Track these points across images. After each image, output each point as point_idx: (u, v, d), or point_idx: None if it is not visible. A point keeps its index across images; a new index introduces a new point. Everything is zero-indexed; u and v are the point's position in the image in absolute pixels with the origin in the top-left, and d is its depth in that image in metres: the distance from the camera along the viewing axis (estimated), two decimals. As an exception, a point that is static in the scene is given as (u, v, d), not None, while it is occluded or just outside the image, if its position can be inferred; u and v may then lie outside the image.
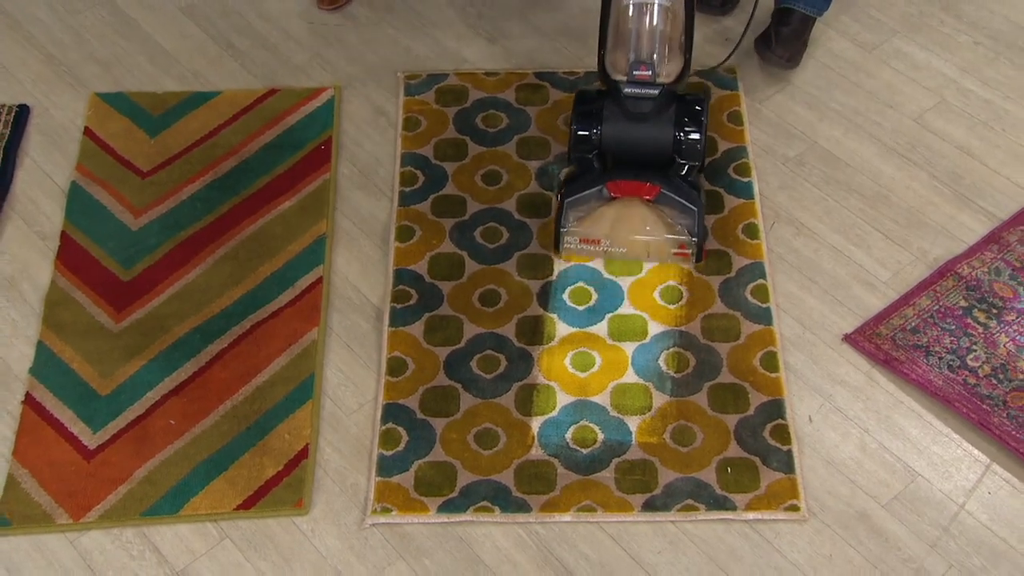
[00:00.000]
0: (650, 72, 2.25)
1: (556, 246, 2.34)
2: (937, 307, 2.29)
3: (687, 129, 2.30)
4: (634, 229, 2.29)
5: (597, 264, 2.37)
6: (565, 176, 2.40)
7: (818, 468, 2.10)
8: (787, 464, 2.09)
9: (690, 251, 2.30)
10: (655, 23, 2.24)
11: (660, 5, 2.23)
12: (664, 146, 2.31)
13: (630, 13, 2.24)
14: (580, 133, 2.33)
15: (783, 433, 2.13)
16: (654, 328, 2.28)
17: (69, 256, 2.41)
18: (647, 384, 2.20)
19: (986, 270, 2.35)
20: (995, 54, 2.76)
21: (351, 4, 2.90)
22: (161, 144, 2.61)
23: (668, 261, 2.33)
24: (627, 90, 2.27)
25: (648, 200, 2.27)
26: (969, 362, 2.21)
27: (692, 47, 2.31)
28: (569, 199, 2.31)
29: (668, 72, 2.29)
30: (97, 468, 2.10)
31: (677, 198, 2.27)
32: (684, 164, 2.32)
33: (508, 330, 2.28)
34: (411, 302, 2.34)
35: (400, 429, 2.16)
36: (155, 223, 2.46)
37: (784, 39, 2.65)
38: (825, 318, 2.30)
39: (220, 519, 2.06)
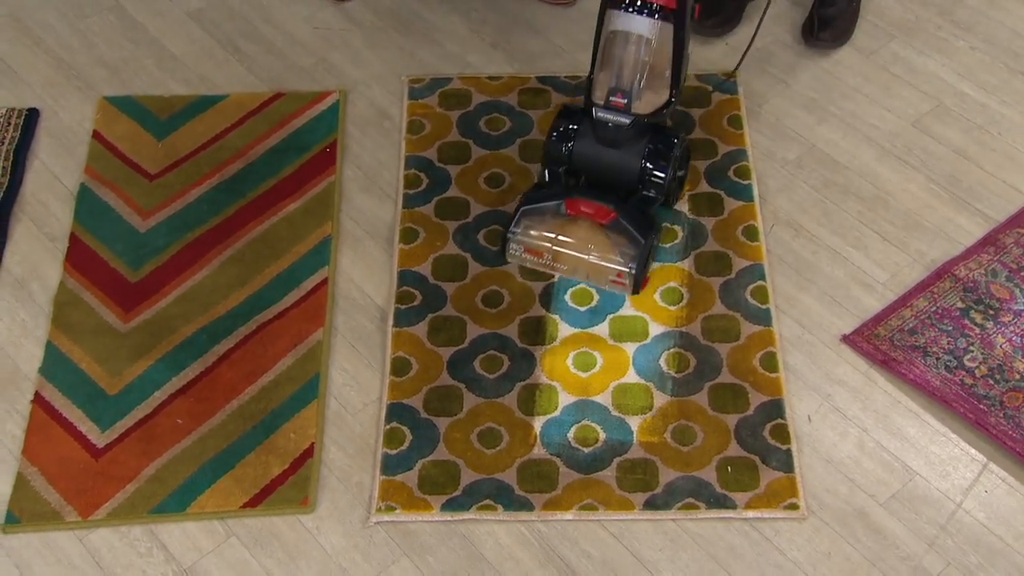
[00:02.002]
0: (625, 101, 2.21)
1: (502, 250, 2.33)
2: (934, 308, 2.29)
3: (655, 163, 2.28)
4: (577, 248, 2.26)
5: (599, 266, 2.37)
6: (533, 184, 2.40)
7: (817, 467, 2.10)
8: (786, 463, 2.09)
9: (627, 281, 2.26)
10: (638, 54, 2.20)
11: (642, 37, 2.18)
12: (630, 175, 2.30)
13: (615, 39, 2.20)
14: (552, 146, 2.32)
15: (782, 432, 2.13)
16: (655, 329, 2.28)
17: (78, 257, 2.41)
18: (648, 384, 2.20)
19: (983, 272, 2.35)
20: (991, 59, 2.76)
21: (356, 1, 2.91)
22: (169, 147, 2.61)
23: (605, 287, 2.30)
24: (599, 114, 2.24)
25: (601, 224, 2.25)
26: (966, 363, 2.21)
27: (681, 83, 2.26)
28: (526, 207, 2.29)
29: (646, 104, 2.24)
30: (105, 466, 2.11)
31: (629, 227, 2.24)
32: (646, 196, 2.31)
33: (511, 331, 2.29)
34: (415, 303, 2.34)
35: (404, 428, 2.16)
36: (163, 225, 2.47)
37: (829, 20, 2.68)
38: (824, 319, 2.30)
39: (227, 517, 2.06)
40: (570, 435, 2.14)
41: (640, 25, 2.17)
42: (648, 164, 2.28)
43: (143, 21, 2.90)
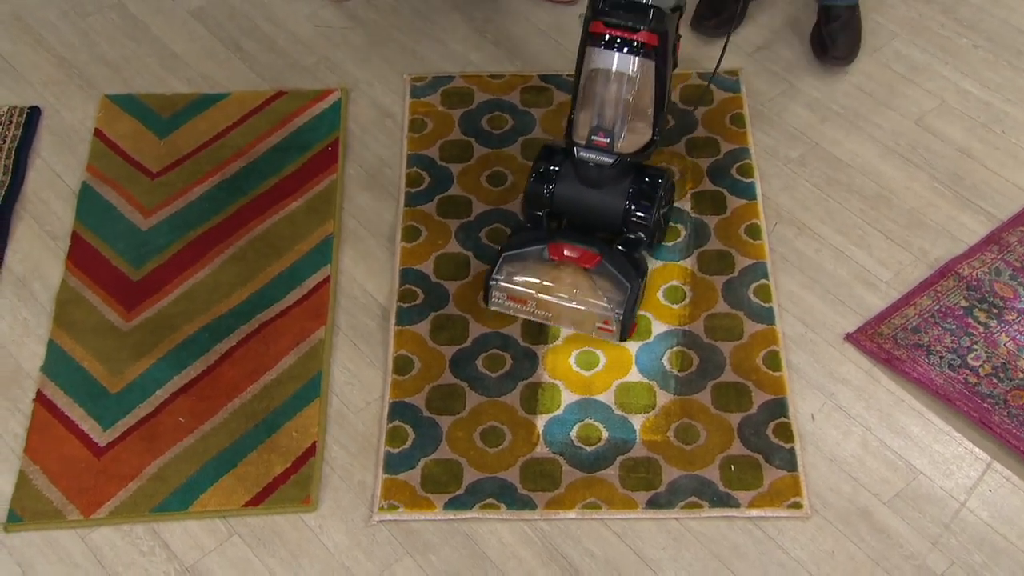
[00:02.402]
0: (608, 140, 2.16)
1: (485, 298, 2.26)
2: (938, 307, 2.29)
3: (639, 203, 2.22)
4: (562, 294, 2.19)
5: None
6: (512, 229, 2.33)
7: (820, 466, 2.10)
8: (790, 462, 2.09)
9: (613, 327, 2.20)
10: (619, 93, 2.14)
11: (625, 75, 2.12)
12: (614, 216, 2.24)
13: (597, 78, 2.15)
14: (533, 188, 2.26)
15: (786, 431, 2.13)
16: (658, 327, 2.28)
17: (80, 256, 2.40)
18: (651, 383, 2.20)
19: (986, 270, 2.34)
20: (995, 56, 2.75)
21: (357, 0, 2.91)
22: (170, 145, 2.60)
23: (591, 334, 2.23)
24: (581, 154, 2.19)
25: (586, 268, 2.19)
26: (970, 361, 2.20)
27: (662, 123, 2.22)
28: (508, 252, 2.23)
29: (629, 143, 2.20)
30: (107, 465, 2.10)
31: (615, 272, 2.18)
32: (630, 238, 2.25)
33: (513, 329, 2.28)
34: (417, 301, 2.33)
35: (407, 427, 2.15)
36: (164, 223, 2.46)
37: (837, 36, 2.67)
38: (827, 317, 2.30)
39: (229, 515, 2.05)
40: (573, 434, 2.13)
41: (622, 63, 2.11)
42: (632, 205, 2.22)
43: (145, 19, 2.89)
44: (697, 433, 2.13)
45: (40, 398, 2.19)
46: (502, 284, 2.22)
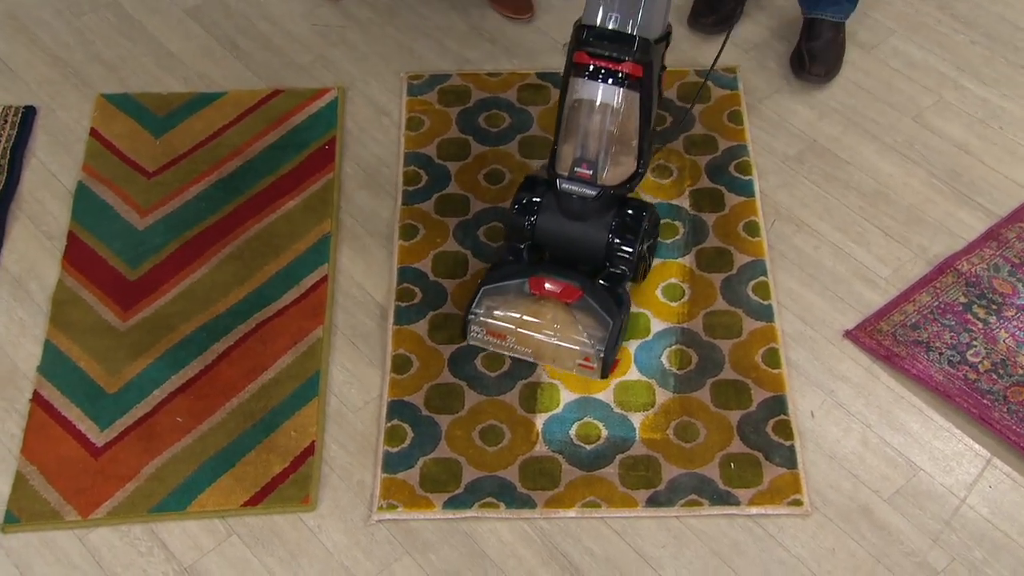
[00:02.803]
0: (591, 172, 2.10)
1: (463, 334, 2.20)
2: (937, 303, 2.28)
3: (622, 237, 2.15)
4: (542, 330, 2.13)
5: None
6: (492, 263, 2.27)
7: (820, 463, 2.09)
8: (789, 459, 2.08)
9: (595, 365, 2.14)
10: (603, 123, 2.09)
11: (609, 106, 2.07)
12: (596, 249, 2.16)
13: (580, 109, 2.10)
14: (514, 220, 2.19)
15: (785, 428, 2.12)
16: (656, 325, 2.27)
17: (76, 255, 2.39)
18: (650, 381, 2.19)
19: (985, 266, 2.33)
20: (991, 53, 2.74)
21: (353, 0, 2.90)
22: (166, 144, 2.59)
23: (572, 371, 2.17)
24: (564, 186, 2.12)
25: (567, 303, 2.13)
26: (969, 357, 2.20)
27: (647, 155, 2.17)
28: (487, 285, 2.16)
29: (614, 175, 2.13)
30: (105, 465, 2.09)
31: (596, 307, 2.12)
32: (613, 273, 2.18)
33: (512, 327, 2.27)
34: (415, 300, 2.32)
35: (405, 426, 2.14)
36: (161, 223, 2.45)
37: (818, 54, 2.64)
38: (826, 314, 2.29)
39: (227, 515, 2.04)
40: (572, 432, 2.13)
41: (606, 94, 2.07)
42: (615, 238, 2.15)
43: (140, 18, 2.88)
44: (697, 431, 2.12)
45: (37, 398, 2.18)
46: (481, 319, 2.16)
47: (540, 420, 2.14)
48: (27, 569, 1.99)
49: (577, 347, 2.13)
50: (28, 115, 2.65)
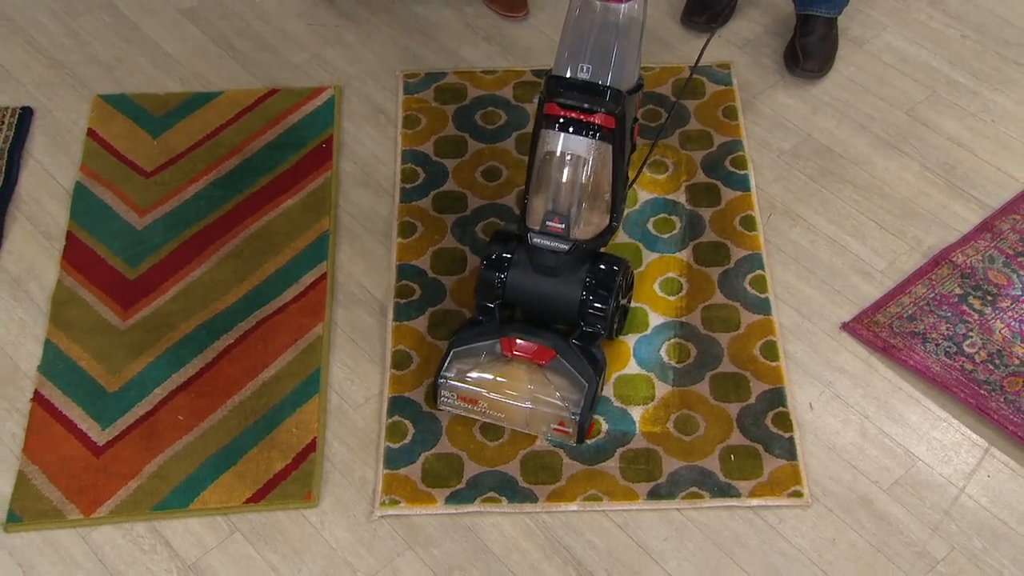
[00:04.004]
0: (563, 225, 2.02)
1: (433, 398, 2.11)
2: (933, 295, 2.28)
3: (596, 293, 2.06)
4: (515, 393, 2.04)
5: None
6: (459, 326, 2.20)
7: (820, 454, 2.08)
8: (789, 451, 2.07)
9: (570, 429, 2.04)
10: (576, 176, 2.02)
11: (581, 158, 2.01)
12: (569, 306, 2.07)
13: (552, 161, 2.03)
14: (484, 278, 2.10)
15: (784, 420, 2.11)
16: (655, 320, 2.26)
17: (75, 255, 2.37)
18: (650, 375, 2.18)
19: (980, 258, 2.33)
20: (982, 47, 2.74)
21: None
22: (164, 144, 2.58)
23: (546, 436, 2.08)
24: (536, 240, 2.04)
25: (540, 364, 2.04)
26: (966, 348, 2.19)
27: (620, 208, 2.11)
28: (457, 348, 2.07)
29: (587, 229, 2.06)
30: (107, 464, 2.07)
31: (570, 368, 2.03)
32: (587, 331, 2.09)
33: (511, 323, 2.26)
34: (414, 297, 2.31)
35: (406, 422, 2.13)
36: (159, 222, 2.43)
37: (811, 50, 2.63)
38: (823, 307, 2.28)
39: (230, 512, 2.03)
40: (573, 426, 2.12)
41: (577, 145, 2.00)
42: (589, 295, 2.06)
43: (136, 19, 2.86)
44: (696, 424, 2.11)
45: (38, 398, 2.16)
46: (451, 383, 2.06)
47: (540, 415, 2.13)
48: (30, 568, 1.97)
49: (551, 411, 2.04)
50: (25, 116, 2.63)
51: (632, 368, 2.19)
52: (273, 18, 2.86)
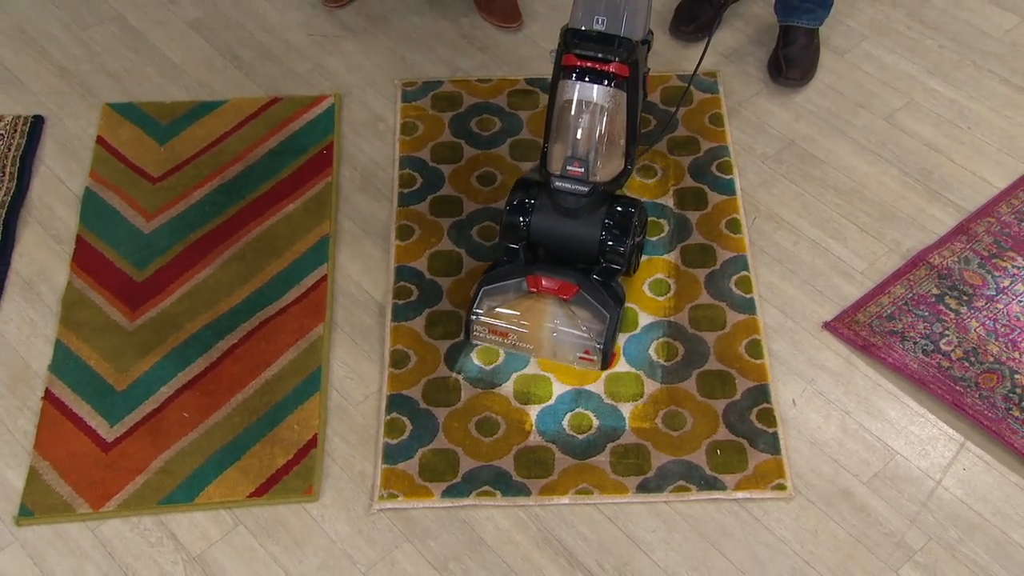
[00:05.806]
0: (583, 169, 2.08)
1: (466, 334, 2.17)
2: (911, 295, 2.28)
3: (614, 233, 2.12)
4: (541, 324, 2.10)
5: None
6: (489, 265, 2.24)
7: (802, 449, 2.09)
8: (773, 446, 2.08)
9: (595, 357, 2.11)
10: (593, 122, 2.08)
11: (598, 105, 2.07)
12: (590, 246, 2.14)
13: (570, 109, 2.09)
14: (508, 222, 2.16)
15: (769, 416, 2.12)
16: (644, 319, 2.26)
17: (84, 258, 2.37)
18: (639, 372, 2.18)
19: (956, 259, 2.33)
20: (959, 56, 2.75)
21: (352, 5, 2.88)
22: (170, 151, 2.58)
23: (573, 364, 2.14)
24: (557, 184, 2.10)
25: (564, 299, 2.10)
26: (942, 346, 2.20)
27: (635, 152, 2.17)
28: (487, 287, 2.13)
29: (604, 172, 2.12)
30: (115, 459, 2.07)
31: (593, 301, 2.09)
32: (608, 268, 2.15)
33: (505, 323, 2.26)
34: (412, 298, 2.31)
35: (404, 419, 2.13)
36: (166, 226, 2.43)
37: (793, 60, 2.63)
38: (805, 307, 2.29)
39: (234, 506, 2.03)
40: (565, 423, 2.12)
41: (595, 93, 2.06)
42: (608, 235, 2.13)
43: (144, 30, 2.86)
44: (684, 420, 2.12)
45: (48, 396, 2.16)
46: (483, 318, 2.12)
47: (534, 411, 2.13)
48: (41, 560, 1.97)
49: (577, 341, 2.10)
50: (37, 124, 2.63)
51: (622, 366, 2.19)
52: (276, 29, 2.86)
